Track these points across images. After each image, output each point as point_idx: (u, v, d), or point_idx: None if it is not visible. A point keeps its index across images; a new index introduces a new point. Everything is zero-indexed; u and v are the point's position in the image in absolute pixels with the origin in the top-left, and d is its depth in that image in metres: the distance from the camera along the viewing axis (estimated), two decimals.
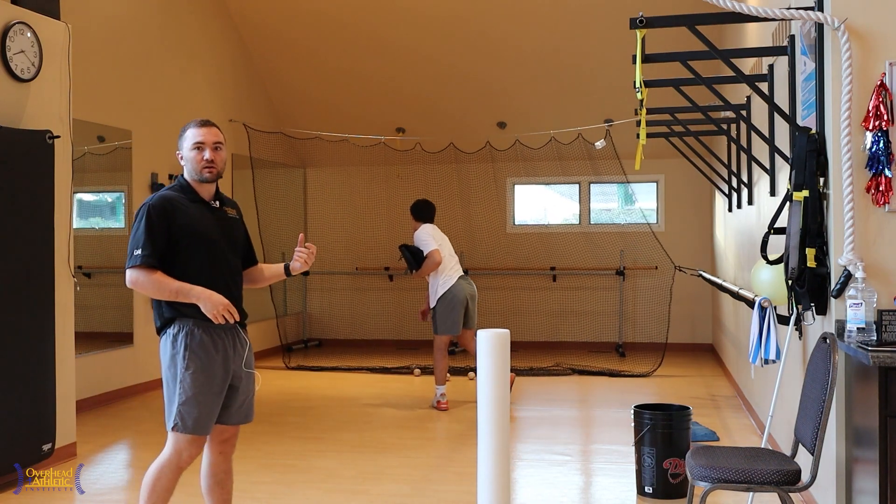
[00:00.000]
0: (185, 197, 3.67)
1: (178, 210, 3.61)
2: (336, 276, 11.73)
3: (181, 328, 3.59)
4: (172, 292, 3.54)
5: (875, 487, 3.29)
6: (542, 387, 8.58)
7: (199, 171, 3.67)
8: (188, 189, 3.70)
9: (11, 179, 5.20)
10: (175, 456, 3.64)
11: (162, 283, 3.54)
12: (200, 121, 3.74)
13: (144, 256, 3.52)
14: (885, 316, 3.60)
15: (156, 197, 3.65)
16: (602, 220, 11.43)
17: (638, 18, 4.24)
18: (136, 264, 3.53)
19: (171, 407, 3.61)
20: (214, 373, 3.61)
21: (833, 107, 3.80)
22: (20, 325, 5.23)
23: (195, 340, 3.59)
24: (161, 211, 3.58)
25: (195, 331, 3.59)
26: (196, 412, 3.58)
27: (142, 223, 3.56)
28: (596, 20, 9.29)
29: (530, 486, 5.30)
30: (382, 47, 10.12)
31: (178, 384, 3.58)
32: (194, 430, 3.60)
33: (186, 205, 3.65)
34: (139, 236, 3.55)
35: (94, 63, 7.41)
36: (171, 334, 3.61)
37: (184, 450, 3.63)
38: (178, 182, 3.74)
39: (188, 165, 3.69)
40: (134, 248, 3.54)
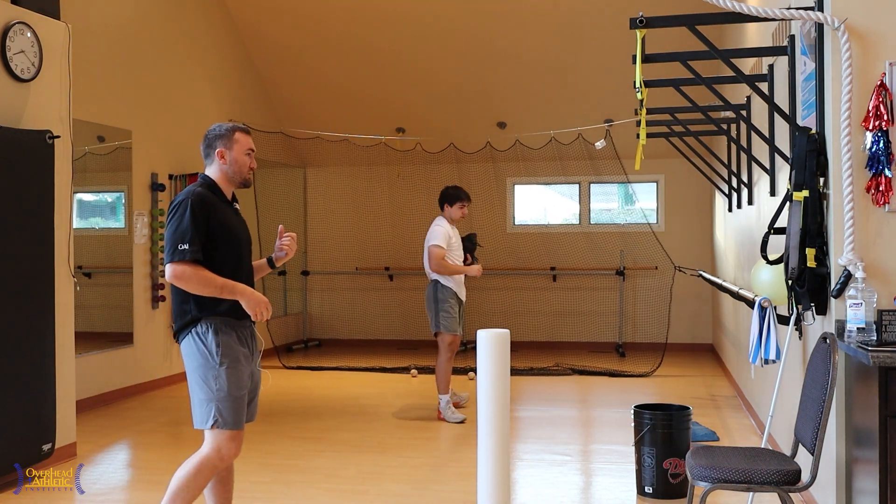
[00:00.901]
0: (216, 196, 3.74)
1: (214, 207, 3.66)
2: (336, 276, 11.73)
3: (209, 326, 3.63)
4: (218, 288, 3.57)
5: (875, 487, 3.29)
6: (542, 387, 8.58)
7: (244, 176, 3.81)
8: (216, 188, 3.77)
9: (11, 179, 5.20)
10: (216, 453, 3.66)
11: (209, 279, 3.56)
12: (246, 127, 3.88)
13: (193, 251, 3.53)
14: (885, 316, 3.60)
15: (194, 192, 3.65)
16: (602, 220, 11.44)
17: (638, 18, 4.24)
18: (183, 259, 3.53)
19: (208, 405, 3.62)
20: (243, 369, 3.69)
21: (833, 107, 3.81)
22: (20, 325, 5.23)
23: (225, 338, 3.64)
24: (203, 206, 3.61)
25: (223, 328, 3.64)
26: (234, 407, 3.64)
27: (186, 216, 3.55)
28: (596, 20, 9.29)
29: (530, 486, 5.30)
30: (383, 48, 10.12)
31: (213, 381, 3.61)
32: (235, 425, 3.65)
33: (218, 203, 3.72)
34: (185, 229, 3.54)
35: (94, 63, 7.42)
36: (199, 332, 3.63)
37: (224, 446, 3.66)
38: (205, 181, 3.77)
39: (232, 167, 3.78)
40: (178, 241, 3.53)
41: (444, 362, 6.95)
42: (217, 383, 3.60)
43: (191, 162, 9.00)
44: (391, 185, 11.51)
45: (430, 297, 7.00)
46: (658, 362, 9.30)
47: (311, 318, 11.83)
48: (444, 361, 6.95)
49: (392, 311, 11.60)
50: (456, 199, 7.09)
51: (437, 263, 6.89)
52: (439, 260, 6.89)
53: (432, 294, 6.98)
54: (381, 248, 11.58)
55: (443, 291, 6.94)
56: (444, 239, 6.92)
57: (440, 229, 6.98)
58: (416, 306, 11.43)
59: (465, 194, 7.16)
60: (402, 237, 11.46)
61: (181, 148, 8.90)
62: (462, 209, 7.08)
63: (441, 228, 6.99)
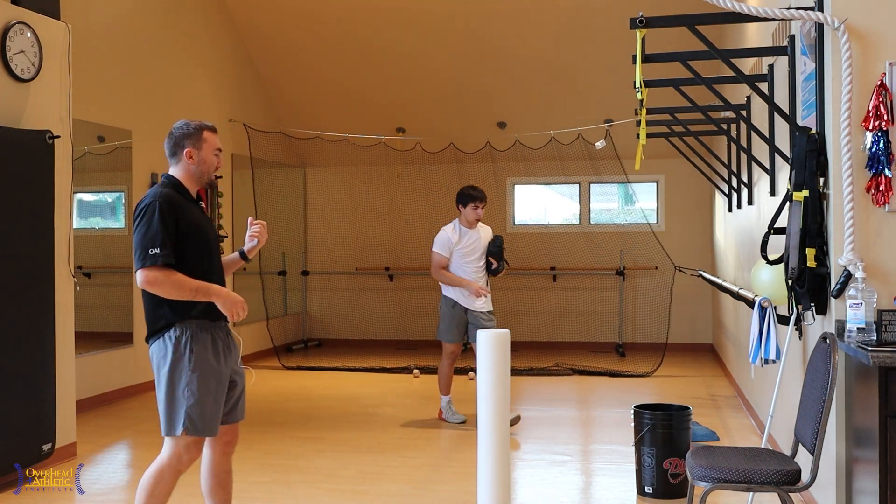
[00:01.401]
0: (182, 196, 3.67)
1: (182, 208, 3.60)
2: (336, 276, 11.73)
3: (184, 330, 3.57)
4: (192, 291, 3.52)
5: (875, 487, 3.29)
6: (542, 387, 8.58)
7: (211, 176, 3.75)
8: (182, 188, 3.70)
9: (11, 179, 5.20)
10: (175, 459, 3.62)
11: (182, 282, 3.50)
12: (213, 126, 3.79)
13: (164, 255, 3.45)
14: (885, 316, 3.60)
15: (161, 194, 3.57)
16: (602, 220, 11.43)
17: (638, 18, 4.24)
18: (155, 264, 3.45)
19: (178, 410, 3.56)
20: (218, 373, 3.64)
21: (833, 107, 3.81)
22: (20, 325, 5.23)
23: (199, 343, 3.59)
24: (171, 207, 3.53)
25: (197, 333, 3.60)
26: (205, 413, 3.58)
27: (154, 219, 3.47)
28: (596, 20, 9.29)
29: (530, 486, 5.30)
30: (382, 47, 10.12)
31: (184, 387, 3.55)
32: (204, 432, 3.60)
33: (186, 203, 3.65)
34: (154, 233, 3.46)
35: (94, 63, 7.41)
36: (172, 337, 3.57)
37: (184, 453, 3.62)
38: (170, 181, 3.70)
39: (201, 168, 3.71)
40: (149, 246, 3.45)
41: (444, 367, 6.88)
42: (189, 389, 3.55)
43: None
44: (391, 185, 11.51)
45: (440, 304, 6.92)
46: (658, 362, 9.30)
47: (310, 318, 11.82)
48: (444, 366, 6.88)
49: (392, 311, 11.60)
50: (469, 199, 6.76)
51: (433, 271, 6.78)
52: (436, 267, 6.74)
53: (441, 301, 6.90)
54: (380, 248, 11.58)
55: (443, 300, 6.83)
56: (445, 245, 6.73)
57: (442, 234, 6.79)
58: (415, 306, 11.44)
59: (479, 194, 6.80)
60: (401, 237, 11.46)
61: None
62: (476, 210, 6.74)
63: (443, 234, 6.79)
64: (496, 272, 6.86)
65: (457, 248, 6.72)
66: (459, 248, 6.72)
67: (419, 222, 11.37)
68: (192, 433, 3.57)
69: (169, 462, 3.62)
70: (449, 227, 6.83)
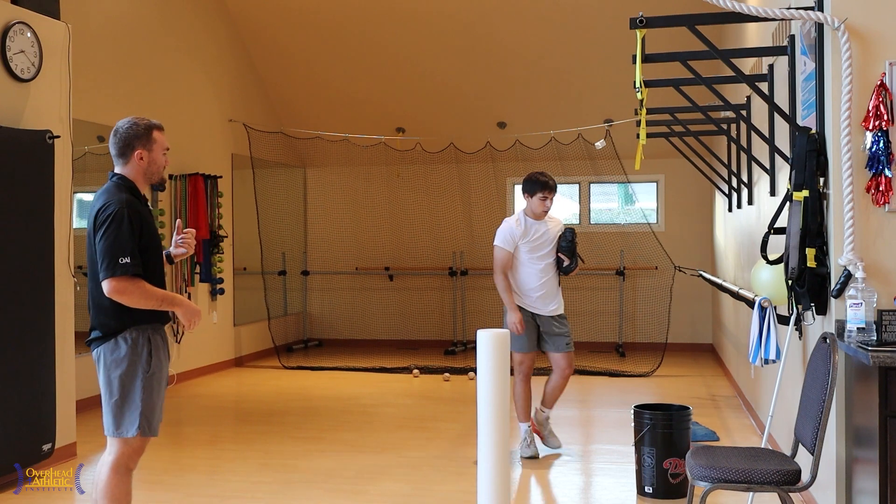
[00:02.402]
0: (137, 199, 3.65)
1: (142, 215, 3.59)
2: (336, 276, 11.73)
3: (140, 333, 3.58)
4: (158, 301, 3.53)
5: (875, 487, 3.29)
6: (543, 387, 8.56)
7: (161, 176, 3.73)
8: (136, 190, 3.67)
9: (11, 179, 5.20)
10: (125, 459, 3.64)
11: (150, 292, 3.51)
12: (160, 125, 3.76)
13: (135, 265, 3.45)
14: (885, 316, 3.60)
15: (125, 200, 3.54)
16: (602, 220, 11.43)
17: (638, 18, 4.24)
18: (125, 273, 3.44)
19: (132, 412, 3.56)
20: (165, 376, 3.70)
21: (833, 107, 3.81)
22: (20, 325, 5.23)
23: (154, 345, 3.61)
24: (135, 215, 3.53)
25: (153, 335, 3.62)
26: (156, 415, 3.63)
27: (123, 228, 3.46)
28: (596, 20, 9.29)
29: (530, 486, 5.30)
30: (383, 48, 10.12)
31: (140, 389, 3.56)
32: (154, 432, 3.64)
33: (143, 208, 3.65)
34: (123, 242, 3.44)
35: (94, 63, 7.41)
36: (128, 339, 3.56)
37: (134, 453, 3.65)
38: (124, 182, 3.66)
39: (151, 168, 3.68)
40: (119, 255, 3.43)
41: (517, 385, 5.89)
42: (144, 392, 3.56)
43: (191, 162, 9.00)
44: (391, 185, 11.51)
45: None
46: (658, 362, 9.30)
47: (311, 318, 11.82)
48: (517, 384, 5.89)
49: (392, 311, 11.59)
50: (536, 187, 5.80)
51: (496, 269, 5.82)
52: (499, 265, 5.80)
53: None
54: (381, 248, 11.58)
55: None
56: (508, 239, 5.79)
57: (505, 226, 5.85)
58: (416, 306, 11.45)
59: (549, 182, 5.83)
60: (402, 237, 11.47)
61: (181, 148, 8.89)
62: (545, 202, 5.81)
63: (506, 226, 5.86)
64: (568, 270, 5.96)
65: (522, 242, 5.79)
66: (526, 242, 5.79)
67: (419, 222, 11.38)
68: (146, 434, 3.61)
69: (119, 462, 3.63)
70: (512, 219, 5.89)
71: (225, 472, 5.53)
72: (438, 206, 11.36)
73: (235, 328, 9.90)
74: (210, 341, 9.34)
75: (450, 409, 7.55)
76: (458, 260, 11.22)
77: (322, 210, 11.81)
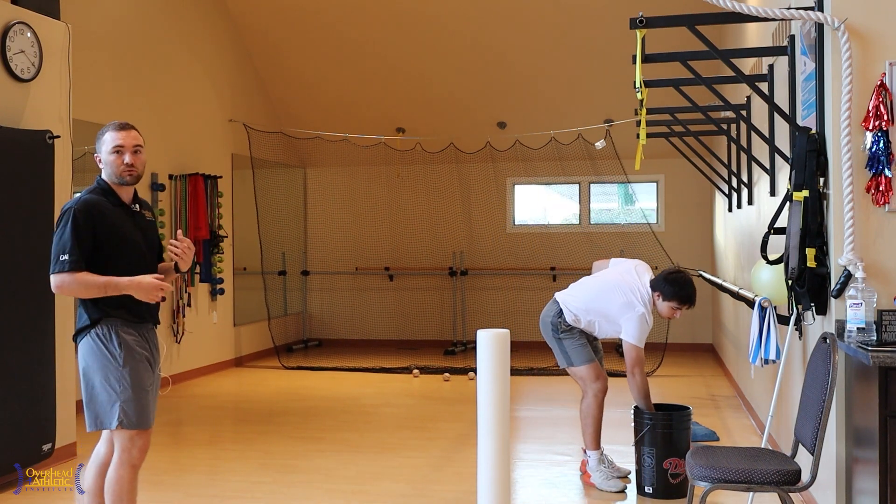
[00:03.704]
0: (108, 201, 3.70)
1: (102, 214, 3.64)
2: (336, 276, 11.73)
3: (111, 328, 3.63)
4: (101, 287, 3.57)
5: (875, 487, 3.29)
6: (542, 387, 8.58)
7: (119, 175, 3.71)
8: (110, 192, 3.73)
9: (11, 179, 5.20)
10: (126, 454, 3.65)
11: (88, 280, 3.55)
12: (119, 124, 3.78)
13: (72, 262, 3.53)
14: (885, 316, 3.60)
15: (80, 201, 3.63)
16: (602, 220, 11.43)
17: (638, 18, 4.24)
18: (62, 269, 3.53)
19: (111, 406, 3.60)
20: (145, 369, 3.70)
21: (833, 107, 3.81)
22: (20, 325, 5.23)
23: (127, 338, 3.65)
24: (87, 215, 3.59)
25: (124, 330, 3.65)
26: (138, 406, 3.63)
27: (67, 227, 3.56)
28: (596, 20, 9.29)
29: (530, 486, 5.30)
30: (383, 47, 10.12)
31: (116, 382, 3.60)
32: (139, 425, 3.65)
33: (110, 209, 3.69)
34: (65, 241, 3.54)
35: (94, 63, 7.41)
36: (99, 335, 3.63)
37: (132, 446, 3.66)
38: (99, 185, 3.74)
39: (107, 169, 3.72)
40: (60, 252, 3.54)
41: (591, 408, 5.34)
42: (121, 385, 3.60)
43: (191, 162, 9.00)
44: (391, 185, 11.51)
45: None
46: (658, 362, 9.30)
47: (311, 318, 11.82)
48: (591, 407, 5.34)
49: (392, 311, 11.60)
50: (674, 298, 5.04)
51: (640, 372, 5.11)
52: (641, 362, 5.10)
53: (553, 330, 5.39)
54: (380, 248, 11.58)
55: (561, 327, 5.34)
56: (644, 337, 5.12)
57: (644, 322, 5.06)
58: (415, 306, 11.45)
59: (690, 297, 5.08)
60: (402, 237, 11.47)
61: (181, 148, 8.90)
62: (675, 312, 5.11)
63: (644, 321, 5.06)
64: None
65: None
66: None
67: (419, 222, 11.38)
68: (128, 427, 3.62)
69: (121, 459, 3.66)
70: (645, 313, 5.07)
71: (225, 472, 5.53)
72: (438, 206, 11.36)
73: (235, 328, 9.89)
74: (210, 341, 9.34)
75: (450, 409, 7.55)
76: (458, 260, 11.22)
77: (322, 210, 11.81)
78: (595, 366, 5.32)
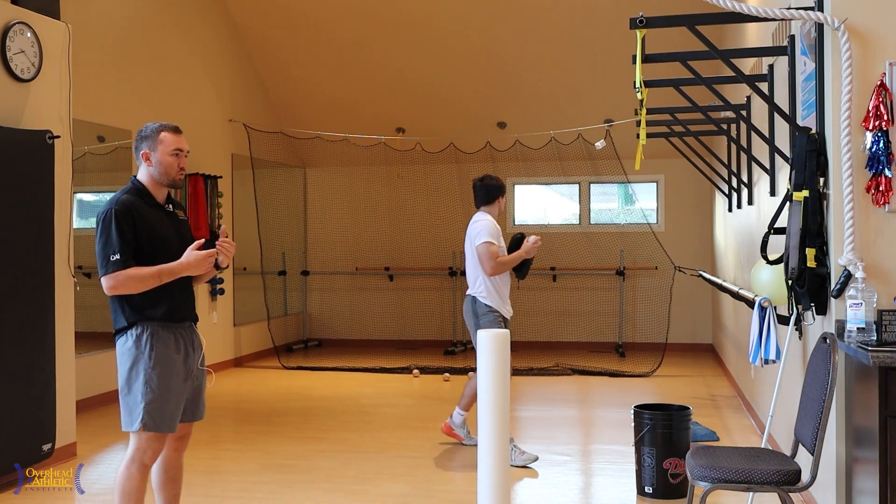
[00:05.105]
0: (144, 201, 3.72)
1: (140, 215, 3.67)
2: (336, 276, 11.73)
3: (145, 329, 3.67)
4: (155, 276, 3.61)
5: (875, 487, 3.29)
6: (542, 387, 8.58)
7: (173, 178, 3.76)
8: (145, 193, 3.75)
9: (11, 179, 5.20)
10: (139, 453, 3.69)
11: (142, 273, 3.59)
12: (174, 126, 3.82)
13: (123, 260, 3.57)
14: (885, 316, 3.60)
15: (118, 202, 3.65)
16: (602, 220, 11.43)
17: (638, 18, 4.24)
18: (116, 269, 3.57)
19: (136, 407, 3.65)
20: (178, 371, 3.72)
21: (833, 107, 3.81)
22: (20, 325, 5.23)
23: (160, 341, 3.67)
24: (127, 215, 3.62)
25: (159, 331, 3.68)
26: (163, 410, 3.66)
27: (112, 228, 3.58)
28: (596, 20, 9.29)
29: (530, 486, 5.30)
30: (383, 47, 10.12)
31: (143, 384, 3.63)
32: (160, 428, 3.67)
33: (146, 209, 3.71)
34: (113, 241, 3.57)
35: (94, 63, 7.41)
36: (134, 335, 3.67)
37: (147, 448, 3.69)
38: (134, 185, 3.76)
39: (159, 169, 3.73)
40: (109, 254, 3.57)
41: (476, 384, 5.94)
42: (147, 386, 3.63)
43: (191, 162, 8.96)
44: (391, 185, 11.51)
45: (469, 311, 5.90)
46: (658, 362, 9.30)
47: (310, 318, 11.82)
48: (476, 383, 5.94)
49: (392, 311, 11.60)
50: (502, 190, 6.02)
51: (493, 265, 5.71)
52: (495, 259, 5.71)
53: (470, 308, 5.89)
54: (380, 248, 11.58)
55: (481, 308, 5.82)
56: (495, 234, 5.80)
57: (488, 222, 5.82)
58: (415, 306, 11.44)
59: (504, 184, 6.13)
60: (402, 237, 11.47)
61: None
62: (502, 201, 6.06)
63: (488, 221, 5.83)
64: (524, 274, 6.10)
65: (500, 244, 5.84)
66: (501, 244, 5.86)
67: (419, 222, 11.38)
68: (149, 429, 3.65)
69: (132, 457, 3.70)
70: (488, 217, 5.90)
71: (225, 472, 5.53)
72: (438, 206, 11.35)
73: (235, 328, 9.89)
74: (210, 341, 9.30)
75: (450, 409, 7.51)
76: (458, 260, 11.20)
77: (322, 210, 11.81)
78: None
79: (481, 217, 5.90)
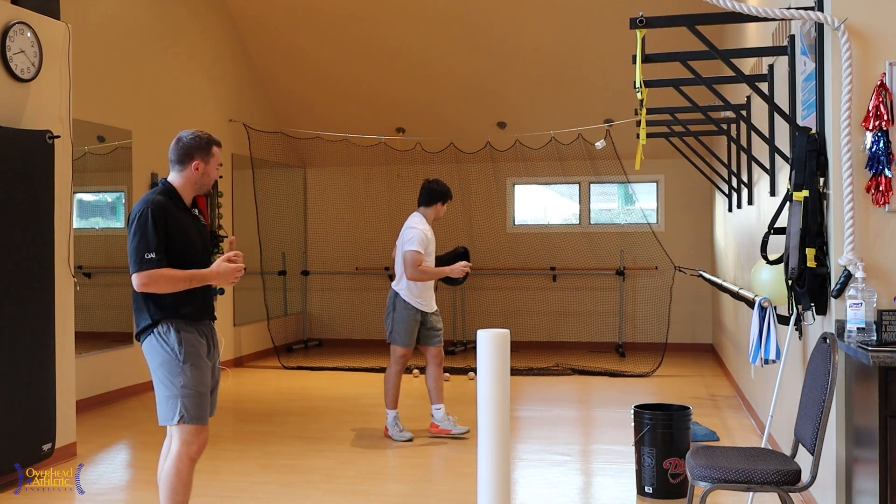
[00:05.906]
0: (174, 204, 3.82)
1: (172, 216, 3.77)
2: (336, 276, 11.73)
3: (170, 326, 3.76)
4: (187, 280, 3.73)
5: (875, 487, 3.29)
6: (542, 387, 8.58)
7: (209, 187, 3.93)
8: (176, 196, 3.86)
9: (11, 179, 5.20)
10: (185, 447, 3.78)
11: (176, 275, 3.70)
12: (219, 140, 3.97)
13: (158, 259, 3.67)
14: (885, 316, 3.60)
15: (152, 202, 3.74)
16: (602, 220, 11.43)
17: (638, 18, 4.24)
18: (150, 266, 3.66)
19: (173, 401, 3.75)
20: (205, 366, 3.84)
21: (833, 107, 3.81)
22: (20, 325, 5.23)
23: (187, 335, 3.77)
24: (162, 214, 3.72)
25: (185, 328, 3.78)
26: (198, 402, 3.78)
27: (148, 225, 3.67)
28: (596, 20, 9.28)
29: (530, 486, 5.30)
30: (382, 47, 10.12)
31: (178, 378, 3.74)
32: (199, 420, 3.79)
33: (176, 211, 3.81)
34: (149, 238, 3.67)
35: (94, 63, 7.41)
36: (161, 333, 3.76)
37: (192, 440, 3.79)
38: (165, 187, 3.86)
39: (204, 179, 3.88)
40: (144, 251, 3.66)
41: (393, 375, 6.42)
42: (182, 380, 3.74)
43: None
44: (391, 185, 11.51)
45: (390, 304, 6.49)
46: (658, 362, 9.30)
47: (310, 318, 11.82)
48: (393, 374, 6.43)
49: None
50: (446, 196, 6.56)
51: (414, 271, 6.22)
52: (416, 266, 6.21)
53: (392, 302, 6.46)
54: (380, 248, 11.55)
55: (402, 303, 6.36)
56: (423, 243, 6.28)
57: (418, 232, 6.29)
58: None
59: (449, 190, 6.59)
60: None
61: None
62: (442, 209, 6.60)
63: (419, 231, 6.31)
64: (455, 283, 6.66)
65: (427, 250, 6.34)
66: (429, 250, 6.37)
67: None
68: (188, 421, 3.76)
69: (179, 452, 3.79)
70: (419, 221, 6.38)
71: (225, 472, 5.53)
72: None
73: (235, 328, 9.89)
74: None
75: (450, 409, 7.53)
76: None
77: (322, 210, 11.81)
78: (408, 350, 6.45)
79: (416, 224, 6.36)
